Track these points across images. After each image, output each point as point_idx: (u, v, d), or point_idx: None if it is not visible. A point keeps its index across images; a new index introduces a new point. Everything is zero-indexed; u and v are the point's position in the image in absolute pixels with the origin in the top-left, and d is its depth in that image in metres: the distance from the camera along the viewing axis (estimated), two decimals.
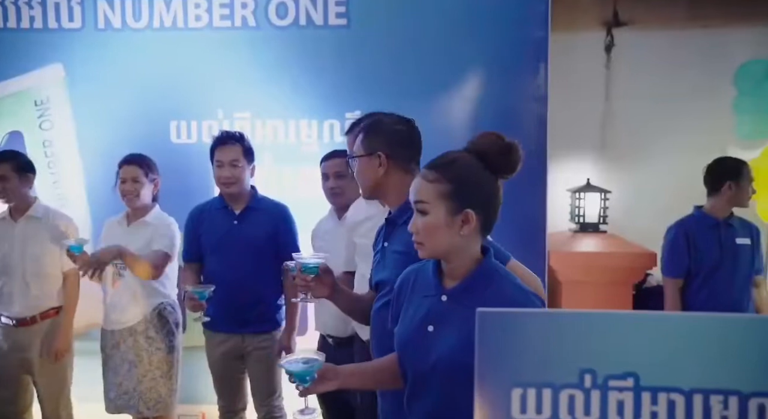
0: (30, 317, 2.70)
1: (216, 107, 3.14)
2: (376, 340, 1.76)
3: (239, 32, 3.10)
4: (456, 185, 1.32)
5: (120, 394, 2.68)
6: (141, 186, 2.66)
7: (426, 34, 3.03)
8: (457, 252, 1.35)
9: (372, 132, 1.79)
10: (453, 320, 1.34)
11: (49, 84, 3.16)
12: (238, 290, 2.55)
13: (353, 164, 1.83)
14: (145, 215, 2.70)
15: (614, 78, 3.61)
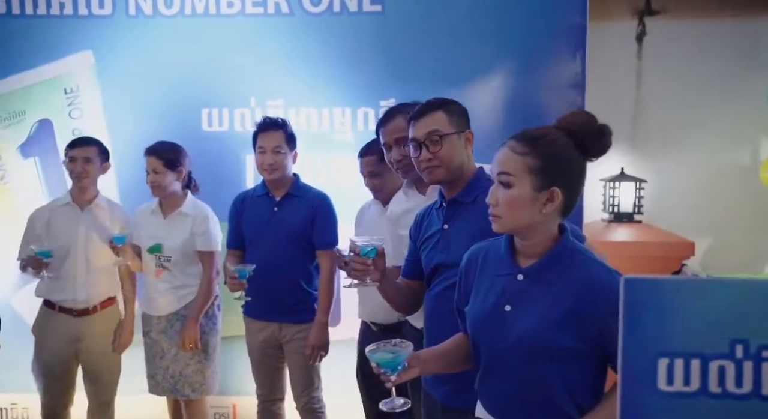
0: (91, 306, 2.68)
1: (248, 95, 3.10)
2: (437, 324, 1.73)
3: (272, 19, 3.06)
4: (545, 161, 1.28)
5: (167, 377, 2.70)
6: (162, 177, 2.65)
7: (462, 20, 2.99)
8: (534, 229, 1.32)
9: (457, 111, 1.76)
10: (532, 298, 1.31)
11: (78, 72, 3.13)
12: (276, 277, 2.52)
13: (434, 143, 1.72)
14: (180, 206, 2.70)
15: (646, 68, 3.58)
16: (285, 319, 2.58)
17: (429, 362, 1.45)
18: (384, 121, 2.12)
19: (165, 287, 2.68)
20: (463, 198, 1.73)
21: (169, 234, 2.68)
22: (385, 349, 1.36)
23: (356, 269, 1.72)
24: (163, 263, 2.68)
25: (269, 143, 2.52)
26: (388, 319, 2.43)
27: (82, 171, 2.65)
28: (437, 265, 1.75)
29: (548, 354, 1.27)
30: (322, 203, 2.60)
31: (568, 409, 1.29)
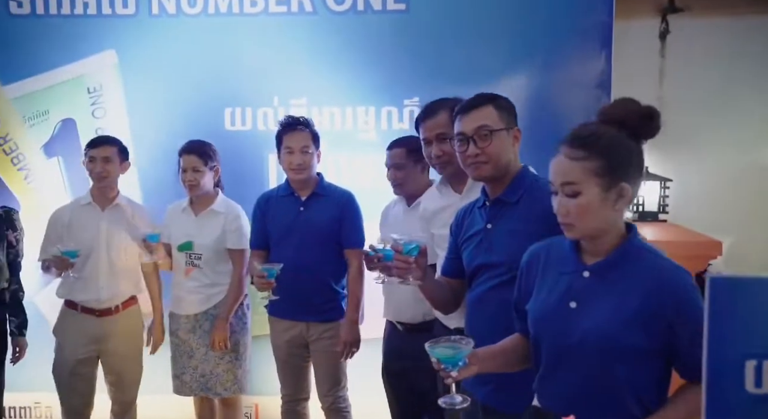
0: (114, 307, 2.68)
1: (272, 94, 3.10)
2: (479, 326, 1.71)
3: (296, 18, 3.05)
4: (606, 160, 1.26)
5: (197, 377, 2.70)
6: (201, 175, 2.66)
7: (487, 18, 2.98)
8: (607, 229, 1.31)
9: (506, 107, 1.74)
10: (598, 295, 1.30)
11: (102, 71, 3.13)
12: (303, 276, 2.51)
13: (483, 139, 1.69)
14: (211, 204, 2.71)
15: (669, 66, 3.54)
16: (312, 318, 2.57)
17: (487, 360, 1.44)
18: (425, 115, 2.09)
19: (194, 286, 2.68)
20: (507, 198, 1.71)
21: (200, 232, 2.69)
22: (446, 345, 1.35)
23: (398, 267, 1.70)
24: (193, 261, 2.68)
25: (297, 142, 2.52)
26: (414, 318, 2.43)
27: (102, 170, 2.64)
28: (480, 265, 1.73)
29: (615, 352, 1.26)
30: (348, 202, 2.59)
31: (632, 408, 1.27)
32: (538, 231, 1.61)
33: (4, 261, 2.52)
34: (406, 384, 2.48)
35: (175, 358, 2.76)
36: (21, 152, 3.19)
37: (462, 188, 2.06)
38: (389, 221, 2.58)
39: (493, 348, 1.49)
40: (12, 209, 2.65)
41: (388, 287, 2.49)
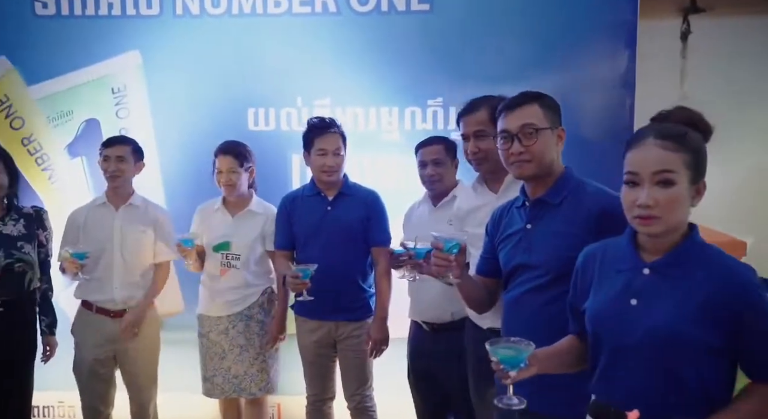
0: (128, 308, 2.67)
1: (295, 95, 3.10)
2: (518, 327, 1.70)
3: (320, 18, 3.06)
4: (695, 155, 1.28)
5: (229, 378, 2.70)
6: (237, 176, 2.67)
7: (511, 18, 2.98)
8: (681, 225, 1.31)
9: (551, 106, 1.73)
10: (660, 292, 1.30)
11: (126, 71, 3.14)
12: (332, 276, 2.50)
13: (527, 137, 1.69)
14: (248, 205, 2.73)
15: (690, 66, 3.53)
16: (341, 317, 2.58)
17: (545, 361, 1.44)
18: (467, 111, 2.10)
19: (230, 287, 2.69)
20: (550, 198, 1.71)
21: (238, 233, 2.69)
22: (507, 346, 1.36)
23: (438, 264, 1.71)
24: (230, 262, 2.68)
25: (331, 144, 2.52)
26: (442, 318, 2.43)
27: (116, 170, 2.64)
28: (518, 265, 1.73)
29: (681, 348, 1.26)
30: (374, 201, 2.60)
31: (697, 405, 1.27)
32: (581, 234, 1.61)
33: (36, 259, 2.53)
34: (432, 385, 2.49)
35: (205, 360, 2.75)
36: (45, 152, 3.20)
37: (498, 187, 2.07)
38: (413, 221, 2.59)
39: (550, 349, 1.49)
40: (42, 209, 2.66)
41: (415, 287, 2.50)
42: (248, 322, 2.70)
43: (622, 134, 2.99)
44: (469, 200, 2.18)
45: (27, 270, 2.49)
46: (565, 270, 1.62)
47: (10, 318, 2.46)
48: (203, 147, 3.06)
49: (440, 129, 3.04)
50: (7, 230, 2.49)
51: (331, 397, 2.71)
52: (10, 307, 2.45)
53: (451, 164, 2.48)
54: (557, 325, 1.59)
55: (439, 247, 1.70)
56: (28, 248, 2.51)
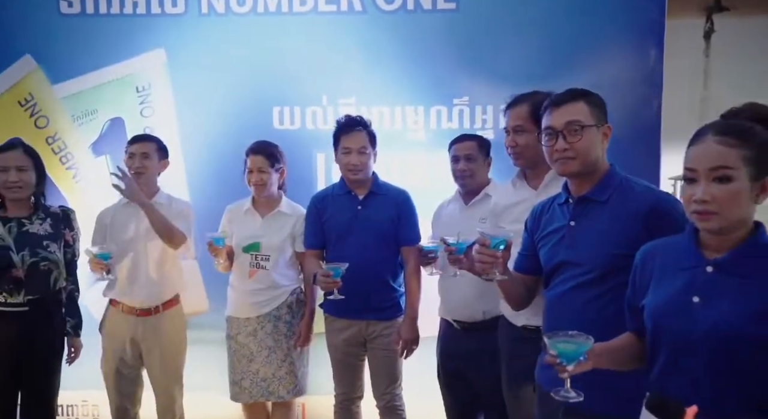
0: (154, 307, 2.66)
1: (320, 93, 3.10)
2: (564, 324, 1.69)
3: (345, 17, 3.06)
4: (758, 151, 1.26)
5: (257, 381, 2.69)
6: (267, 176, 2.67)
7: (537, 16, 2.98)
8: (743, 222, 1.30)
9: (597, 103, 1.72)
10: (724, 289, 1.29)
11: (150, 70, 3.13)
12: (362, 275, 2.49)
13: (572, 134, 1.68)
14: (277, 206, 2.73)
15: (713, 65, 3.54)
16: (372, 316, 2.57)
17: (602, 356, 1.43)
18: (510, 105, 2.12)
19: (258, 288, 2.68)
20: (595, 196, 1.70)
21: (266, 233, 2.68)
22: (566, 340, 1.36)
23: (484, 261, 1.70)
24: (259, 262, 2.67)
25: (356, 143, 2.52)
26: (473, 317, 2.42)
27: (140, 166, 2.63)
28: (561, 262, 1.72)
29: (742, 347, 1.25)
30: (405, 200, 2.59)
31: (758, 403, 1.26)
32: (628, 231, 1.61)
33: (62, 259, 2.53)
34: (463, 384, 2.48)
35: (233, 363, 2.73)
36: (69, 151, 3.19)
37: (538, 183, 2.07)
38: (443, 219, 2.58)
39: (608, 345, 1.49)
40: (69, 208, 2.65)
41: (445, 286, 2.50)
42: (276, 323, 2.70)
43: (649, 133, 2.99)
44: (506, 195, 2.17)
45: (52, 269, 2.49)
46: (611, 268, 1.63)
47: (35, 317, 2.46)
48: (228, 146, 3.08)
49: (466, 128, 3.04)
50: (33, 229, 2.49)
51: (360, 396, 2.70)
52: (35, 306, 2.45)
53: (484, 161, 2.47)
54: (603, 322, 1.59)
55: (485, 243, 1.70)
56: (54, 248, 2.50)
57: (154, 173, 2.70)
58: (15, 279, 2.40)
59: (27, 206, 2.51)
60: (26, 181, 2.44)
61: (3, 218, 2.47)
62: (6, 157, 2.43)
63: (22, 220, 2.48)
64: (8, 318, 2.42)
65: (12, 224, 2.46)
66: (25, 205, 2.51)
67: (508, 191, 2.18)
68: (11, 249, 2.41)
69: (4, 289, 2.40)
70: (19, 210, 2.50)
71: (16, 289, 2.41)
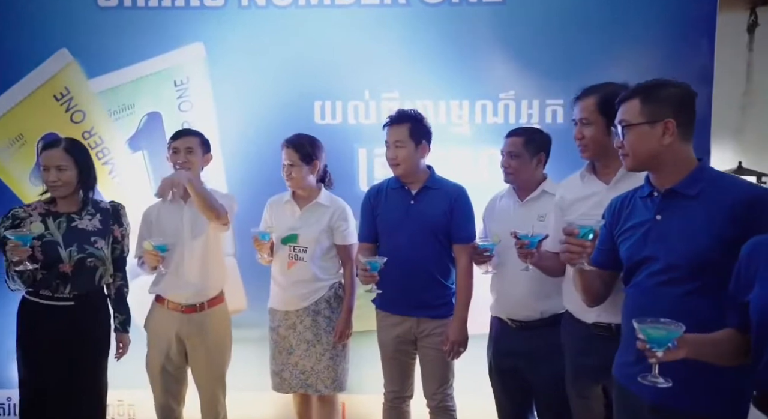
0: (199, 303, 2.61)
1: (363, 88, 3.05)
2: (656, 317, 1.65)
3: (389, 9, 3.00)
4: None
5: (296, 374, 2.67)
6: (297, 170, 2.62)
7: (585, 10, 2.92)
8: None
9: (655, 98, 1.66)
10: None
11: (189, 64, 3.08)
12: (415, 271, 2.46)
13: (623, 132, 1.67)
14: (316, 198, 2.68)
15: (757, 59, 3.48)
16: (424, 314, 2.51)
17: (697, 347, 1.41)
18: (578, 96, 2.09)
19: (296, 280, 2.64)
20: (684, 190, 1.64)
21: (304, 225, 2.65)
22: (656, 325, 1.36)
23: (572, 251, 1.68)
24: (297, 254, 2.64)
25: (392, 136, 2.49)
26: (531, 316, 2.37)
27: (185, 161, 2.58)
28: (646, 257, 1.67)
29: None
30: (460, 196, 2.52)
31: None
32: (720, 228, 1.56)
33: (108, 255, 2.48)
34: (518, 382, 2.43)
35: (275, 355, 2.72)
36: (106, 146, 3.15)
37: (609, 177, 2.02)
38: (495, 214, 2.52)
39: (705, 337, 1.45)
40: (120, 204, 2.60)
41: (501, 284, 2.44)
42: (315, 317, 2.66)
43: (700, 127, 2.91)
44: (574, 189, 2.12)
45: (98, 266, 2.44)
46: (702, 264, 1.58)
47: (81, 313, 2.42)
48: (268, 141, 3.02)
49: (512, 123, 2.98)
50: (82, 225, 2.44)
51: (410, 395, 2.65)
52: (81, 301, 2.41)
53: (531, 158, 2.40)
54: (696, 318, 1.52)
55: (574, 233, 1.67)
56: (102, 244, 2.45)
57: (198, 168, 2.65)
58: (62, 274, 2.36)
59: (76, 201, 2.47)
60: (65, 180, 2.38)
61: (53, 213, 2.44)
62: (47, 156, 2.38)
63: (71, 215, 2.45)
64: (55, 312, 2.38)
65: (61, 220, 2.42)
66: (73, 201, 2.47)
67: (575, 185, 2.12)
68: (59, 244, 2.37)
69: (51, 284, 2.36)
70: (69, 206, 2.46)
71: (62, 284, 2.37)
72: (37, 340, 2.38)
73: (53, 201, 2.45)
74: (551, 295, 2.36)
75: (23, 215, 2.40)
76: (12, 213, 2.40)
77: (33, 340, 2.39)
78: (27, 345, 2.41)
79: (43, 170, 2.38)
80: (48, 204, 2.44)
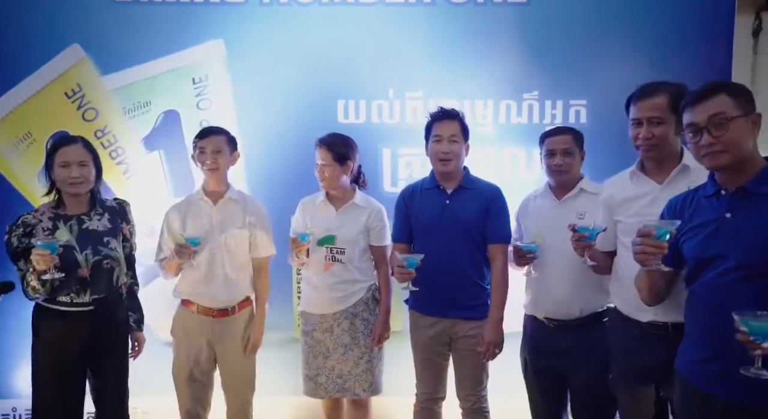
0: (230, 307, 2.54)
1: (387, 86, 3.02)
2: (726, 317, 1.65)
3: (413, 8, 2.99)
4: None
5: (333, 378, 2.62)
6: (330, 169, 2.58)
7: (609, 12, 2.96)
8: None
9: (740, 92, 1.66)
10: None
11: (208, 61, 3.01)
12: (450, 271, 2.44)
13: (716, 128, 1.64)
14: (352, 198, 2.64)
15: (762, 63, 3.57)
16: (458, 315, 2.49)
17: None
18: (643, 95, 2.04)
19: (334, 282, 2.60)
20: (755, 188, 1.65)
21: (341, 226, 2.60)
22: (754, 317, 1.38)
23: (649, 252, 1.67)
24: (334, 256, 2.59)
25: (447, 131, 2.46)
26: (570, 315, 2.37)
27: (213, 162, 2.51)
28: (716, 255, 1.67)
29: None
30: (495, 195, 2.51)
31: None
32: None
33: (122, 254, 2.40)
34: (555, 381, 2.43)
35: (308, 360, 2.65)
36: (120, 145, 3.04)
37: (662, 177, 2.03)
38: (530, 213, 2.52)
39: None
40: (124, 201, 2.51)
41: (539, 283, 2.43)
42: (353, 320, 2.62)
43: None
44: (624, 188, 2.12)
45: (114, 267, 2.36)
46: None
47: (102, 316, 2.34)
48: (290, 141, 2.99)
49: (535, 123, 3.01)
50: (93, 226, 2.35)
51: (443, 397, 2.62)
52: (101, 305, 2.34)
53: (578, 155, 2.43)
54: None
55: (651, 234, 1.66)
56: (114, 244, 2.37)
57: (225, 168, 2.58)
58: (81, 279, 2.28)
59: (85, 202, 2.37)
60: (86, 176, 2.30)
61: (63, 216, 2.33)
62: (67, 152, 2.29)
63: (81, 217, 2.35)
64: (76, 318, 2.31)
65: (72, 222, 2.32)
66: (83, 201, 2.36)
67: (624, 184, 2.13)
68: (75, 248, 2.27)
69: (72, 289, 2.28)
70: (78, 207, 2.35)
71: (82, 289, 2.29)
72: (58, 348, 2.29)
73: (60, 204, 2.35)
74: (591, 294, 2.37)
75: (33, 221, 2.30)
76: (22, 220, 2.30)
77: (54, 349, 2.30)
78: (47, 354, 2.31)
79: (60, 167, 2.27)
80: (56, 208, 2.34)
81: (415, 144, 3.01)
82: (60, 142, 2.35)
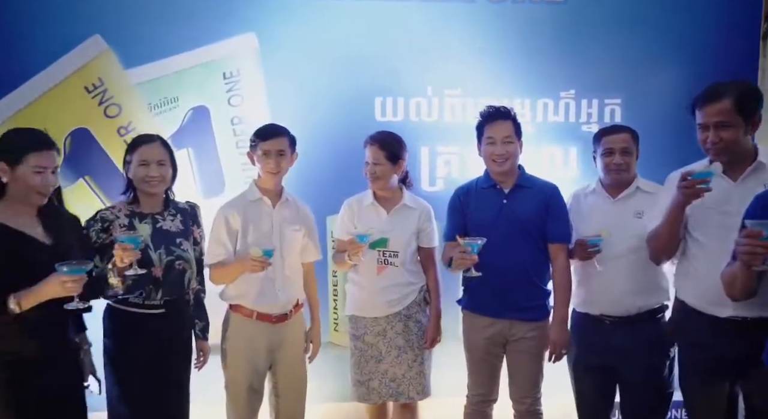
0: (288, 311, 2.45)
1: (425, 84, 2.97)
2: None
3: (452, 5, 2.95)
4: None
5: (387, 382, 2.56)
6: (381, 169, 2.51)
7: (646, 11, 3.00)
8: None
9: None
10: None
11: (240, 55, 2.88)
12: (509, 272, 2.41)
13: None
14: (402, 199, 2.58)
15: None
16: (516, 316, 2.46)
17: None
18: (708, 99, 2.04)
19: (388, 285, 2.53)
20: None
21: (394, 228, 2.53)
22: None
23: (756, 252, 1.67)
24: (387, 259, 2.52)
25: (500, 132, 2.43)
26: (628, 312, 2.38)
27: (276, 166, 2.39)
28: None
29: None
30: (553, 194, 2.49)
31: None
32: None
33: (193, 257, 2.29)
34: (605, 379, 2.44)
35: (360, 364, 2.58)
36: None
37: (736, 175, 2.06)
38: (586, 212, 2.50)
39: None
40: (196, 204, 2.40)
41: (595, 280, 2.42)
42: (407, 322, 2.56)
43: None
44: None
45: (186, 269, 2.26)
46: None
47: (171, 319, 2.25)
48: (326, 139, 2.91)
49: (572, 122, 3.03)
50: (166, 226, 2.25)
51: (495, 399, 2.59)
52: (171, 307, 2.24)
53: (635, 153, 2.44)
54: None
55: (760, 234, 1.66)
56: (187, 245, 2.28)
57: (286, 168, 2.45)
58: (154, 279, 2.18)
59: (160, 201, 2.27)
60: (164, 175, 2.22)
61: (138, 213, 2.23)
62: (147, 150, 2.21)
63: (155, 216, 2.25)
64: (147, 321, 2.20)
65: (147, 221, 2.22)
66: (158, 200, 2.27)
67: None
68: (149, 247, 2.18)
69: (144, 289, 2.17)
70: (153, 206, 2.26)
71: (154, 289, 2.19)
72: (130, 353, 2.19)
73: (135, 201, 2.24)
74: (649, 291, 2.39)
75: (111, 217, 2.19)
76: (100, 216, 2.19)
77: (126, 353, 2.19)
78: (121, 360, 2.20)
79: (140, 165, 2.19)
80: (131, 205, 2.24)
81: (454, 142, 2.99)
82: (139, 140, 2.26)
